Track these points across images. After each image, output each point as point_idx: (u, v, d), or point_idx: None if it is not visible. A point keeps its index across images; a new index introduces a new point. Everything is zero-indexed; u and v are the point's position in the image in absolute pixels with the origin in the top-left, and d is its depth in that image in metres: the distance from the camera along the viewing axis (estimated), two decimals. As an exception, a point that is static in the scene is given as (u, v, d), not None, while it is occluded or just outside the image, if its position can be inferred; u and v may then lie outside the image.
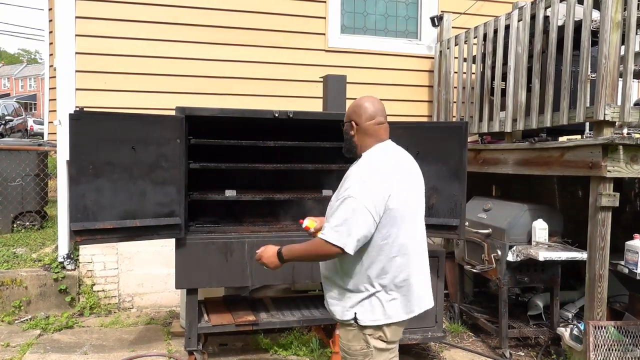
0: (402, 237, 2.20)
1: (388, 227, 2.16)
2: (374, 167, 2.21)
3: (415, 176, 2.36)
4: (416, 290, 2.26)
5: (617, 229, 3.79)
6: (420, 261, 2.31)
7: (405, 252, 2.22)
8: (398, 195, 2.17)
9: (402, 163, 2.32)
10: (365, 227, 2.11)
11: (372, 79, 5.47)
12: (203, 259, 3.38)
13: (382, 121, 2.35)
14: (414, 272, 2.26)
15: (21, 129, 20.79)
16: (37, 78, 46.19)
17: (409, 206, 2.23)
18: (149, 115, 3.53)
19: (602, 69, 3.32)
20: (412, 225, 2.26)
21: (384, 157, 2.27)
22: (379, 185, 2.14)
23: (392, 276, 2.20)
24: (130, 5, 4.86)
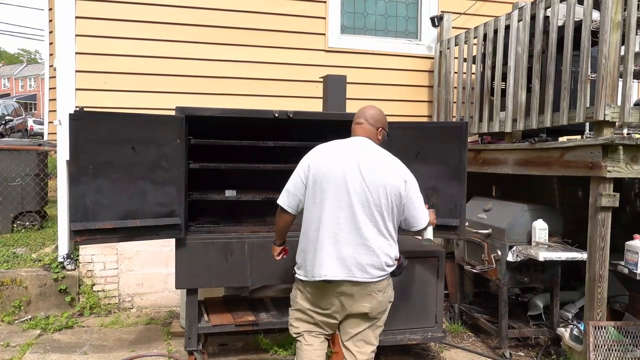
0: (318, 209, 2.57)
1: (310, 194, 2.61)
2: (315, 147, 2.74)
3: (367, 167, 2.59)
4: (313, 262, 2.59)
5: (617, 229, 3.79)
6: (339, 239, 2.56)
7: (318, 225, 2.57)
8: (318, 169, 2.60)
9: (343, 149, 2.67)
10: (292, 182, 2.68)
11: (372, 79, 5.47)
12: (203, 259, 3.38)
13: (359, 122, 2.82)
14: (319, 245, 2.57)
15: (21, 129, 20.80)
16: (37, 78, 46.20)
17: (333, 185, 2.56)
18: (149, 115, 3.53)
19: (602, 69, 3.32)
20: (343, 204, 2.55)
21: (334, 142, 2.73)
22: (308, 157, 2.69)
23: (306, 236, 2.65)
24: (130, 5, 4.86)
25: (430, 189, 3.44)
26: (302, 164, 2.69)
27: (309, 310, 2.72)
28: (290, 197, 2.69)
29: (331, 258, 2.56)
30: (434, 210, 2.99)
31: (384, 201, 2.57)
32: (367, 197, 2.56)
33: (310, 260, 2.61)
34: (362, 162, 2.60)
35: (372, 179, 2.57)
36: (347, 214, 2.56)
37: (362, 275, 2.57)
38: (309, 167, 2.63)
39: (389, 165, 2.66)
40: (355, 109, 3.82)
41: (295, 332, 2.81)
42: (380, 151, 2.73)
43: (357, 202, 2.56)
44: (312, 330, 2.76)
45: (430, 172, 3.44)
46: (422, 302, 3.73)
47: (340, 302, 2.63)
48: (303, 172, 2.65)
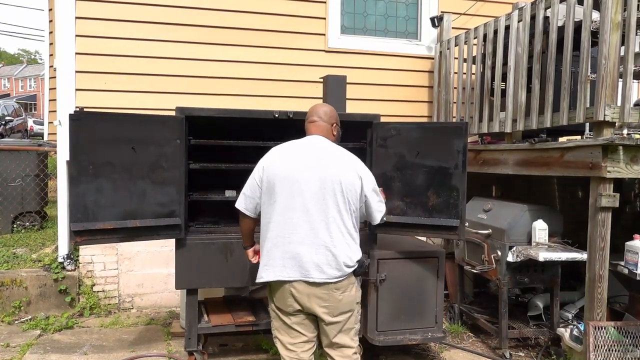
0: (274, 209, 2.58)
1: (265, 196, 2.62)
2: (272, 149, 2.76)
3: (322, 165, 2.60)
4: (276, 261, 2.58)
5: (617, 229, 3.79)
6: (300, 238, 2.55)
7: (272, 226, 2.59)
8: (272, 171, 2.61)
9: (299, 149, 2.68)
10: (248, 186, 2.71)
11: (372, 80, 5.48)
12: (203, 260, 3.38)
13: (313, 120, 2.82)
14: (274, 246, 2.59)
15: (21, 129, 20.80)
16: (37, 78, 46.22)
17: (289, 185, 2.56)
18: (148, 116, 3.53)
19: (602, 69, 3.32)
20: (298, 203, 2.55)
21: (287, 143, 2.75)
22: (264, 159, 2.70)
23: (263, 238, 2.66)
24: (130, 6, 4.86)
25: (430, 189, 3.44)
26: (257, 166, 2.70)
27: (279, 314, 2.70)
28: (247, 201, 2.72)
29: (284, 258, 2.56)
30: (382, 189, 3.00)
31: (340, 199, 2.56)
32: (323, 195, 2.55)
33: (266, 261, 2.62)
34: (317, 160, 2.61)
35: (328, 176, 2.56)
36: (301, 214, 2.55)
37: (319, 276, 2.54)
38: (264, 169, 2.64)
39: (344, 162, 2.65)
40: (355, 109, 3.84)
41: (279, 345, 2.74)
42: (335, 148, 2.73)
43: (311, 202, 2.54)
44: (294, 348, 2.68)
45: (430, 172, 3.44)
46: (422, 302, 3.73)
47: (298, 302, 2.61)
48: (258, 175, 2.66)
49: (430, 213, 3.46)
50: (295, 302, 2.61)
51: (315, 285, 2.56)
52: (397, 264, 3.67)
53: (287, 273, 2.56)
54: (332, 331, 2.67)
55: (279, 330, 2.73)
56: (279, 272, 2.58)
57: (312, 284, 2.57)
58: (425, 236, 4.49)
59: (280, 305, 2.66)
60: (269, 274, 2.61)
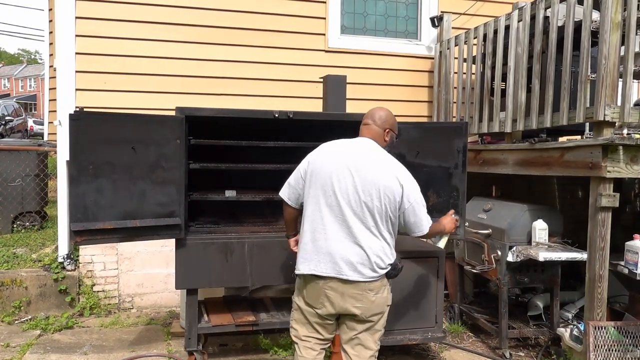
0: (311, 204, 2.61)
1: (307, 189, 2.65)
2: (322, 145, 2.77)
3: (361, 167, 2.59)
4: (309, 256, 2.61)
5: (617, 229, 3.79)
6: (332, 236, 2.57)
7: (311, 220, 2.61)
8: (314, 167, 2.64)
9: (343, 149, 2.69)
10: (293, 176, 2.75)
11: (372, 79, 5.48)
12: (203, 259, 3.38)
13: (366, 122, 2.83)
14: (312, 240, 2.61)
15: (21, 129, 20.80)
16: (37, 78, 46.23)
17: (324, 182, 2.59)
18: (149, 116, 3.53)
19: (602, 69, 3.32)
20: (330, 196, 2.57)
21: (337, 141, 2.76)
22: (311, 154, 2.74)
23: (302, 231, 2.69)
24: (130, 6, 4.86)
25: (430, 189, 3.44)
26: (305, 159, 2.75)
27: (304, 309, 2.71)
28: (290, 190, 2.77)
29: (319, 253, 2.58)
30: (457, 219, 3.00)
31: (376, 203, 2.54)
32: (359, 196, 2.54)
33: (303, 254, 2.65)
34: (357, 162, 2.59)
35: (365, 179, 2.56)
36: (338, 212, 2.56)
37: (352, 274, 2.54)
38: (308, 163, 2.69)
39: (386, 168, 2.62)
40: (355, 109, 3.82)
41: (293, 335, 2.78)
42: (380, 152, 2.70)
43: (348, 202, 2.55)
44: (308, 339, 2.72)
45: (430, 172, 3.44)
46: (422, 302, 3.73)
47: (330, 301, 2.59)
48: (303, 167, 2.71)
49: (430, 213, 3.44)
50: (329, 304, 2.60)
51: (349, 283, 2.56)
52: (397, 263, 3.67)
53: (322, 268, 2.57)
54: (359, 328, 2.67)
55: (298, 322, 2.75)
56: (314, 267, 2.59)
57: (345, 282, 2.56)
58: (425, 236, 4.49)
59: (311, 302, 2.65)
60: (305, 266, 2.62)
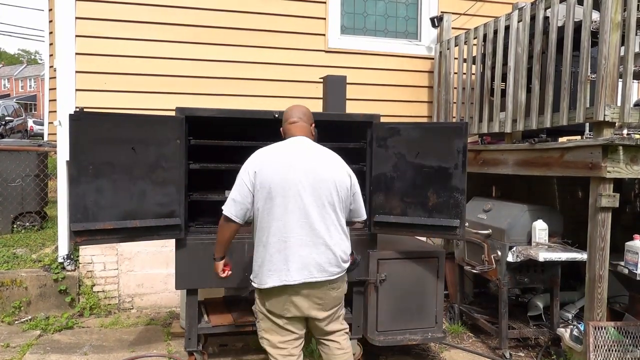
0: (272, 214, 2.55)
1: (260, 202, 2.56)
2: (260, 151, 2.70)
3: (315, 166, 2.62)
4: (278, 266, 2.57)
5: (617, 230, 3.79)
6: (299, 241, 2.56)
7: (276, 229, 2.55)
8: (266, 176, 2.56)
9: (289, 152, 2.66)
10: (238, 191, 2.60)
11: (372, 80, 5.48)
12: (203, 260, 3.38)
13: (294, 121, 2.80)
14: (286, 249, 2.56)
15: (21, 129, 20.81)
16: (37, 78, 46.22)
17: (283, 190, 2.54)
18: (149, 116, 3.53)
19: (601, 69, 3.32)
20: (293, 207, 2.55)
21: (275, 145, 2.71)
22: (252, 164, 2.62)
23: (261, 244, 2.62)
24: (130, 6, 4.86)
25: (430, 189, 3.44)
26: (246, 171, 2.62)
27: (270, 316, 2.68)
28: (237, 207, 2.61)
29: (288, 262, 2.56)
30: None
31: (335, 197, 2.63)
32: (320, 195, 2.59)
33: (269, 266, 2.59)
34: (309, 162, 2.63)
35: (322, 177, 2.61)
36: (299, 216, 2.56)
37: (321, 275, 2.59)
38: (255, 174, 2.58)
39: (335, 162, 2.72)
40: (355, 109, 3.83)
41: (267, 346, 2.73)
42: (323, 149, 2.77)
43: (309, 203, 2.57)
44: (285, 345, 2.69)
45: (430, 173, 3.44)
46: (422, 303, 3.73)
47: (295, 305, 2.62)
48: (249, 180, 2.59)
49: (430, 213, 3.46)
50: (294, 308, 2.62)
51: (316, 285, 2.60)
52: (397, 264, 3.67)
53: (292, 277, 2.56)
54: (323, 323, 2.75)
55: (268, 331, 2.72)
56: (284, 277, 2.56)
57: (313, 285, 2.59)
58: (425, 236, 4.50)
59: (274, 309, 2.65)
60: (273, 279, 2.57)
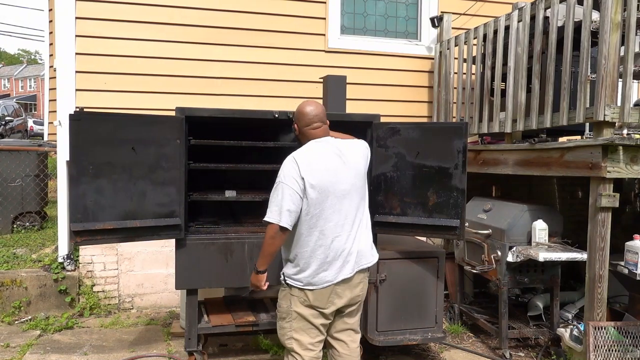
0: (320, 216, 2.59)
1: (307, 206, 2.57)
2: (297, 156, 2.64)
3: (338, 165, 2.68)
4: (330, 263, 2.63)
5: (617, 230, 3.80)
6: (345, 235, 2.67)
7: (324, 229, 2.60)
8: (313, 179, 2.56)
9: (323, 153, 2.68)
10: (290, 199, 2.54)
11: (371, 80, 5.48)
12: (203, 260, 3.38)
13: (318, 126, 2.77)
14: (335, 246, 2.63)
15: (21, 129, 20.80)
16: (37, 78, 46.22)
17: (327, 190, 2.59)
18: (149, 116, 3.53)
19: (601, 69, 3.32)
20: (336, 204, 2.62)
21: (307, 150, 2.70)
22: (297, 170, 2.57)
23: (311, 247, 2.62)
24: (130, 6, 4.86)
25: (430, 189, 3.44)
26: (293, 178, 2.57)
27: (307, 314, 2.68)
28: (292, 216, 2.56)
29: (340, 258, 2.65)
30: None
31: (363, 190, 2.79)
32: (356, 190, 2.72)
33: (322, 268, 2.62)
34: (342, 161, 2.71)
35: (353, 172, 2.72)
36: (346, 214, 2.67)
37: (368, 260, 2.78)
38: (304, 180, 2.57)
39: (357, 153, 2.82)
40: (355, 109, 3.81)
41: (295, 347, 2.69)
42: (344, 143, 2.82)
43: (348, 200, 2.68)
44: (314, 346, 2.70)
45: (430, 173, 3.43)
46: (422, 303, 3.73)
47: (339, 296, 2.69)
48: (298, 187, 2.56)
49: (430, 213, 3.45)
50: (338, 299, 2.69)
51: (360, 272, 2.75)
52: (397, 264, 3.67)
53: (346, 272, 2.67)
54: (355, 313, 2.86)
55: (299, 332, 2.69)
56: (339, 274, 2.65)
57: (363, 271, 2.77)
58: (425, 236, 4.50)
59: (317, 304, 2.65)
60: (329, 277, 2.63)
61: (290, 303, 2.70)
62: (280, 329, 2.77)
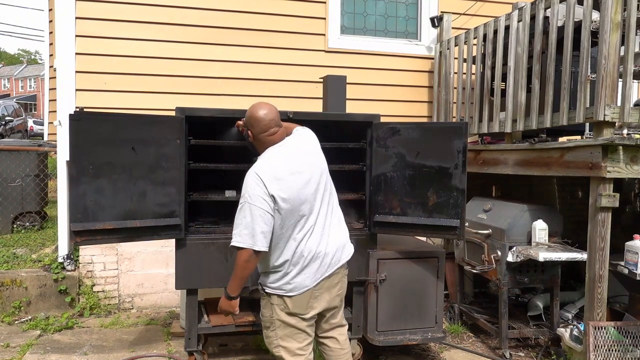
0: (295, 226, 2.52)
1: (282, 220, 2.47)
2: (260, 171, 2.47)
3: (306, 165, 2.59)
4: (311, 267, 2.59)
5: (617, 229, 3.79)
6: (321, 235, 2.62)
7: (302, 237, 2.54)
8: (284, 192, 2.45)
9: (287, 158, 2.57)
10: (263, 221, 2.41)
11: (371, 80, 5.48)
12: (203, 260, 3.38)
13: (275, 131, 2.61)
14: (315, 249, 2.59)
15: (21, 129, 20.80)
16: (37, 78, 46.23)
17: (300, 198, 2.51)
18: (149, 116, 3.53)
19: (601, 69, 3.32)
20: (307, 209, 2.55)
21: (270, 160, 2.54)
22: (263, 188, 2.43)
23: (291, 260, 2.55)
24: (130, 6, 4.86)
25: (430, 189, 3.44)
26: (261, 198, 2.42)
27: (289, 321, 2.64)
28: (267, 238, 2.45)
29: (319, 261, 2.62)
30: None
31: (329, 184, 2.75)
32: (324, 188, 2.68)
33: (303, 274, 2.59)
34: (304, 162, 2.63)
35: (317, 168, 2.67)
36: (319, 217, 2.63)
37: (346, 255, 2.75)
38: (273, 198, 2.44)
39: (315, 149, 2.76)
40: (355, 109, 3.80)
41: (284, 354, 2.65)
42: (301, 141, 2.72)
43: (320, 200, 2.64)
44: (302, 350, 2.67)
45: (430, 173, 3.44)
46: (422, 303, 3.73)
47: (318, 300, 2.66)
48: (267, 206, 2.43)
49: (430, 213, 3.46)
50: (317, 303, 2.66)
51: (336, 271, 2.70)
52: (397, 264, 3.67)
53: (321, 275, 2.64)
54: (338, 312, 2.85)
55: (285, 339, 2.65)
56: (318, 275, 2.63)
57: (342, 267, 2.75)
58: (425, 236, 4.50)
59: (297, 310, 2.62)
60: (308, 282, 2.60)
61: (272, 312, 2.65)
62: (267, 338, 2.72)
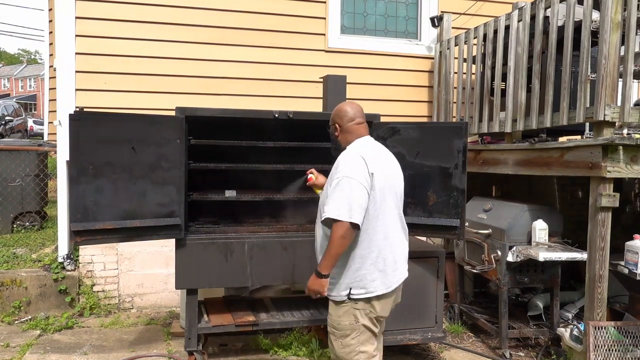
0: (384, 215, 2.52)
1: (374, 204, 2.46)
2: (359, 153, 2.53)
3: (393, 166, 2.70)
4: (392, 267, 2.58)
5: (617, 229, 3.79)
6: (399, 239, 2.66)
7: (386, 230, 2.54)
8: (379, 176, 2.49)
9: (380, 152, 2.67)
10: (360, 196, 2.39)
11: (372, 80, 5.47)
12: (203, 259, 3.38)
13: (361, 121, 2.71)
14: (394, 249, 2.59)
15: (21, 129, 20.79)
16: (37, 78, 46.21)
17: (389, 188, 2.56)
18: (149, 116, 3.53)
19: (602, 69, 3.32)
20: (393, 205, 2.59)
21: (364, 146, 2.61)
22: (364, 166, 2.45)
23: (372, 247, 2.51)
24: (130, 6, 4.86)
25: (430, 189, 3.44)
26: (362, 174, 2.42)
27: (372, 327, 2.57)
28: (363, 214, 2.40)
29: (398, 262, 2.63)
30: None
31: (402, 197, 2.75)
32: (401, 193, 2.72)
33: (387, 269, 2.55)
34: (391, 161, 2.71)
35: (400, 175, 2.73)
36: (398, 215, 2.66)
37: (406, 270, 2.75)
38: (372, 176, 2.45)
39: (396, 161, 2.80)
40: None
41: (366, 357, 2.55)
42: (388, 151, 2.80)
43: (399, 201, 2.68)
44: (376, 351, 2.65)
45: (430, 172, 3.44)
46: (422, 302, 3.73)
47: (393, 303, 2.69)
48: (367, 183, 2.42)
49: (430, 213, 3.46)
50: (393, 304, 2.69)
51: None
52: (397, 264, 3.66)
53: (398, 277, 2.64)
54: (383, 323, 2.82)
55: (365, 344, 2.55)
56: (400, 275, 2.64)
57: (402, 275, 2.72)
58: (425, 236, 4.49)
59: (384, 313, 2.62)
60: (395, 280, 2.60)
61: (355, 319, 2.52)
62: (344, 347, 2.53)
